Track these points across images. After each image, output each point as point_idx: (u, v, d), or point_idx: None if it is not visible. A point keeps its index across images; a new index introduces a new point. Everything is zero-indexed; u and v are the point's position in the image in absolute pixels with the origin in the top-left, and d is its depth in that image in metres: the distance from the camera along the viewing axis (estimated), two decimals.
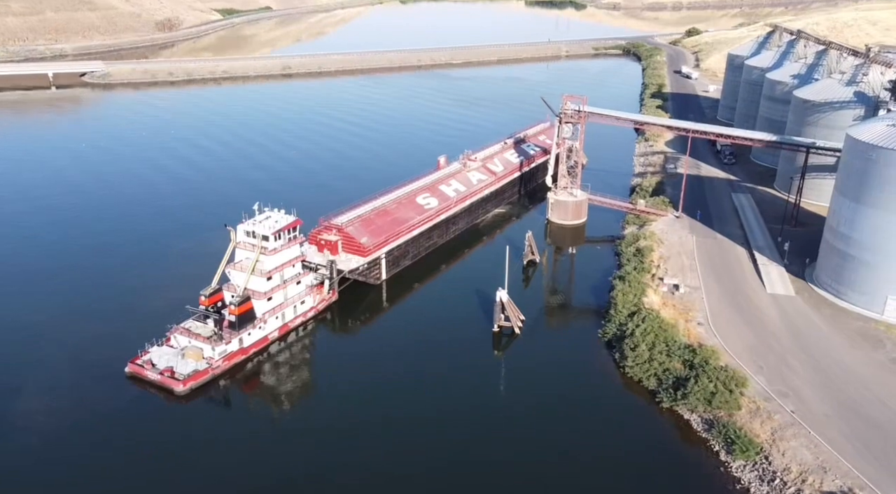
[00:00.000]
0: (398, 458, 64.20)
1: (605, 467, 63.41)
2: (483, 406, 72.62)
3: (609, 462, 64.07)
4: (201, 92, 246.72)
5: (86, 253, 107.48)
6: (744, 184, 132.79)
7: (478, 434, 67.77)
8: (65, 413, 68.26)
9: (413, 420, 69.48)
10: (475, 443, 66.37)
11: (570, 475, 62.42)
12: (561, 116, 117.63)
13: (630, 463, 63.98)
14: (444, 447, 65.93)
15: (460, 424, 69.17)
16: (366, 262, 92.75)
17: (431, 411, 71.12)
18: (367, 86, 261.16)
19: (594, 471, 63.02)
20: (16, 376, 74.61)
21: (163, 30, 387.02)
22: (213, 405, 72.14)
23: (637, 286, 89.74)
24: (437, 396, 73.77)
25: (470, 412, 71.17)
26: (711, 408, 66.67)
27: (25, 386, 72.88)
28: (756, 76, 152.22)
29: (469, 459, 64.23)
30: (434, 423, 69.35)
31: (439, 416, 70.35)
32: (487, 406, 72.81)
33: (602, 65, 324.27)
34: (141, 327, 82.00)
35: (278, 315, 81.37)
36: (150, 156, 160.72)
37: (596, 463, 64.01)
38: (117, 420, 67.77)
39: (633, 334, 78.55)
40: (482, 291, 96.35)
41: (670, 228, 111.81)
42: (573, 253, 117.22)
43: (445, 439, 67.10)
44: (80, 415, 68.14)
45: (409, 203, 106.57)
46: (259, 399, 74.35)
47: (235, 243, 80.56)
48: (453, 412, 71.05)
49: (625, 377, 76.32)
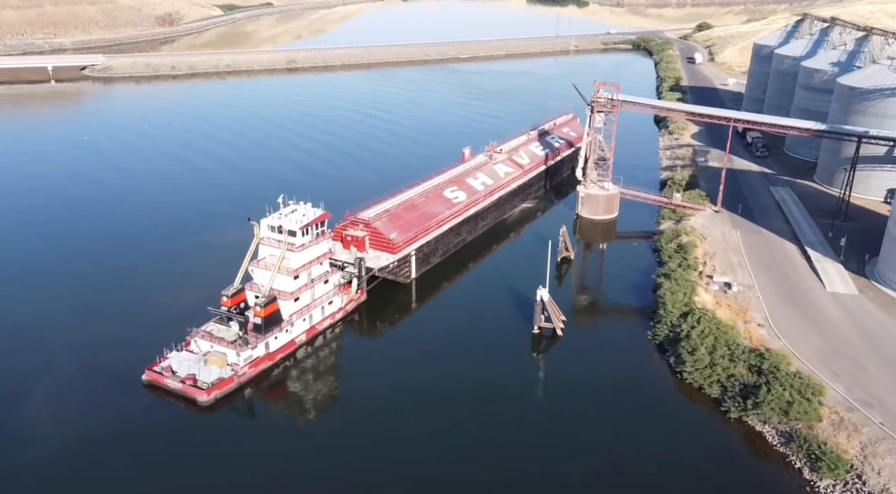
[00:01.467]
0: (436, 473, 58.33)
1: (670, 483, 57.41)
2: (526, 414, 66.58)
3: (674, 478, 58.06)
4: (205, 86, 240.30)
5: (97, 249, 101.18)
6: (781, 177, 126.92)
7: (521, 446, 61.63)
8: (75, 424, 62.05)
9: (452, 431, 63.42)
10: (518, 456, 60.36)
11: (629, 491, 56.44)
12: (593, 105, 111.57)
13: (698, 480, 58.08)
14: (483, 460, 59.84)
15: (501, 435, 63.04)
16: (396, 260, 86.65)
17: (470, 420, 65.02)
18: (375, 80, 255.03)
19: (657, 488, 56.96)
20: (22, 381, 68.35)
21: (163, 24, 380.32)
22: (238, 416, 65.96)
23: (685, 284, 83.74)
24: (476, 404, 67.67)
25: (511, 421, 65.04)
26: (788, 419, 60.70)
27: (32, 392, 66.63)
28: (788, 66, 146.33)
29: (513, 474, 58.20)
30: (473, 433, 63.26)
31: (478, 425, 64.28)
32: (530, 414, 66.76)
33: (613, 59, 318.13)
34: (156, 329, 75.88)
35: (305, 316, 75.26)
36: (160, 150, 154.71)
37: (658, 478, 57.94)
38: (133, 432, 61.47)
39: (689, 336, 72.55)
40: (517, 290, 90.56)
41: (711, 223, 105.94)
42: (604, 250, 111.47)
43: (485, 451, 61.03)
44: (93, 426, 61.87)
45: (437, 197, 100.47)
46: (287, 409, 68.15)
47: (259, 239, 74.36)
48: (493, 421, 64.98)
49: (683, 383, 70.31)
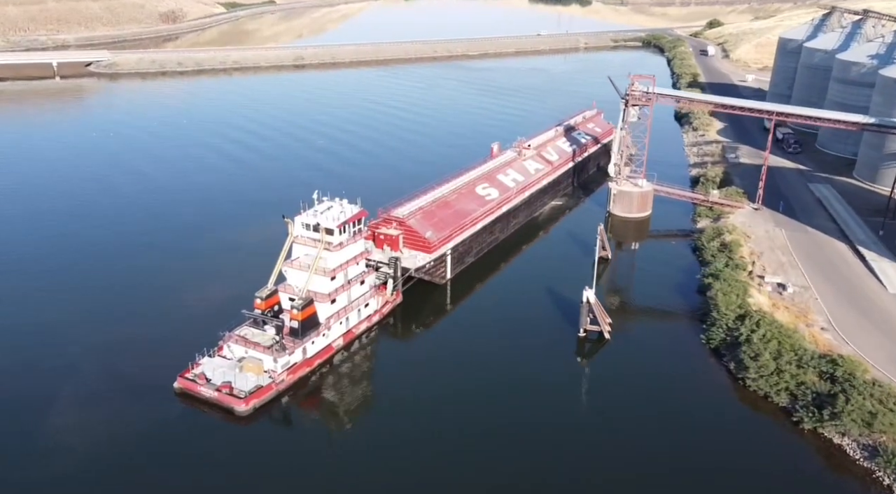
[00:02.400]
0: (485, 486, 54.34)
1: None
2: (575, 421, 62.70)
3: (746, 491, 54.01)
4: (213, 82, 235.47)
5: (115, 248, 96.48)
6: (817, 174, 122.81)
7: (572, 456, 57.73)
8: (104, 433, 57.72)
9: (499, 438, 59.68)
10: (569, 466, 56.48)
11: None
12: (627, 98, 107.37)
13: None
14: (532, 469, 55.87)
15: (549, 445, 58.95)
16: (432, 259, 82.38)
17: (517, 426, 61.23)
18: (385, 76, 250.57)
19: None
20: (45, 385, 64.07)
21: (167, 21, 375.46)
22: (277, 427, 61.63)
23: (737, 285, 79.63)
24: (521, 410, 63.60)
25: (560, 428, 61.22)
26: (872, 432, 56.57)
27: (57, 397, 62.29)
28: (819, 59, 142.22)
29: (565, 485, 54.23)
30: (522, 441, 59.44)
31: (526, 433, 60.44)
32: (580, 421, 62.83)
33: (624, 56, 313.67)
34: (182, 332, 71.87)
35: (342, 320, 70.96)
36: (172, 148, 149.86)
37: (729, 492, 53.94)
38: (166, 444, 57.15)
39: (749, 341, 68.41)
40: (555, 291, 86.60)
41: (752, 221, 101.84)
42: (638, 249, 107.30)
43: (533, 459, 57.12)
44: (123, 436, 57.47)
45: (469, 194, 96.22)
46: (326, 419, 63.83)
47: (293, 237, 70.04)
48: (540, 428, 61.10)
49: (745, 391, 66.17)
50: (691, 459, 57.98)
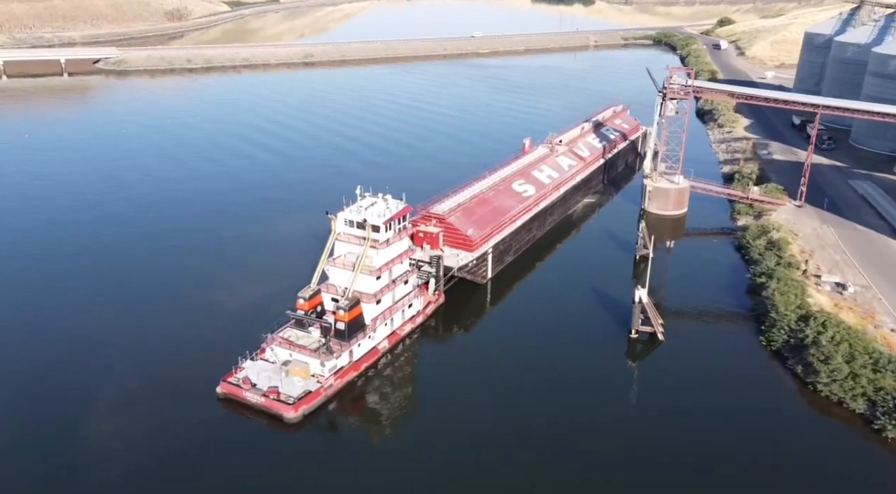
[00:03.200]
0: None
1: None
2: (633, 429, 59.08)
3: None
4: (223, 80, 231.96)
5: (146, 246, 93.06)
6: (855, 170, 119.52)
7: (631, 465, 54.24)
8: (145, 441, 54.44)
9: (549, 444, 56.60)
10: (628, 475, 53.15)
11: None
12: (665, 91, 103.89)
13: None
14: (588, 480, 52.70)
15: (604, 450, 55.92)
16: (474, 258, 78.85)
17: (568, 433, 58.04)
18: (397, 74, 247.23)
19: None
20: (82, 389, 60.88)
21: (171, 20, 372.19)
22: (326, 434, 57.99)
23: (793, 285, 76.24)
24: (573, 416, 60.27)
25: (616, 436, 57.82)
26: None
27: (94, 402, 58.96)
28: (852, 53, 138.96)
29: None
30: (573, 448, 56.36)
31: (577, 439, 57.48)
32: (638, 429, 59.11)
33: (635, 55, 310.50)
34: (219, 333, 68.66)
35: (387, 321, 67.39)
36: (189, 145, 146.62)
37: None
38: (210, 453, 53.55)
39: (817, 343, 64.90)
40: (598, 290, 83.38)
41: (796, 219, 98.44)
42: (677, 248, 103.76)
43: (588, 470, 53.99)
44: (165, 444, 54.10)
45: (507, 190, 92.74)
46: (373, 426, 60.15)
47: (336, 234, 66.46)
48: (593, 435, 57.89)
49: (816, 396, 62.68)
50: (762, 468, 54.34)
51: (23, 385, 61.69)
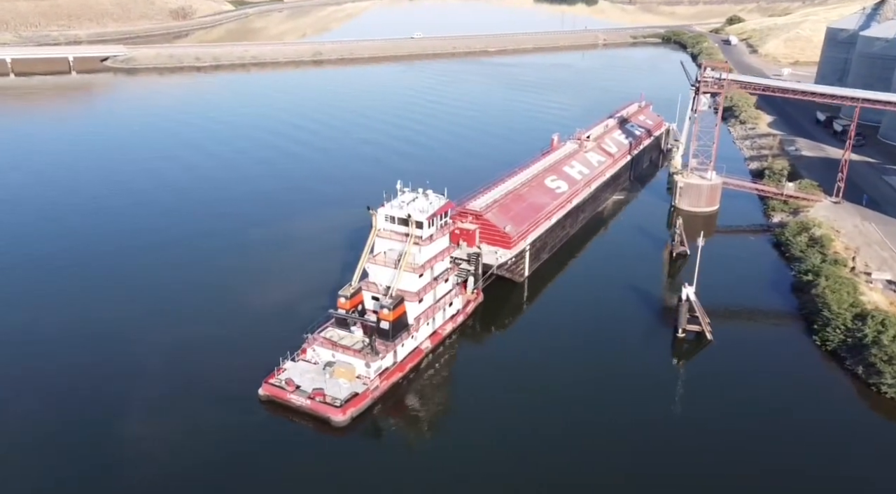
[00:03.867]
0: None
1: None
2: (684, 432, 56.46)
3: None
4: (232, 78, 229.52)
5: (180, 247, 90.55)
6: (889, 166, 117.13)
7: (685, 471, 51.79)
8: (185, 445, 52.01)
9: (596, 444, 54.51)
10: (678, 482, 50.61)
11: None
12: (699, 85, 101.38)
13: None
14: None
15: (653, 457, 53.14)
16: (513, 255, 76.31)
17: (615, 435, 55.70)
18: (407, 71, 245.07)
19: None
20: (115, 389, 58.59)
21: (177, 18, 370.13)
22: (375, 438, 55.38)
23: (844, 283, 73.76)
24: (619, 417, 57.84)
25: (665, 439, 55.31)
26: None
27: (129, 403, 56.50)
28: (880, 48, 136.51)
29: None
30: (620, 450, 53.99)
31: (624, 441, 55.05)
32: (689, 432, 56.51)
33: (645, 53, 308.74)
34: (256, 332, 66.40)
35: (429, 320, 64.84)
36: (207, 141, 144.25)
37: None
38: (255, 458, 50.84)
39: (878, 342, 62.42)
40: (636, 288, 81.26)
41: (835, 215, 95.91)
42: (708, 245, 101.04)
43: (639, 477, 51.31)
44: (207, 448, 51.70)
45: (539, 186, 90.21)
46: (419, 428, 57.61)
47: (376, 230, 63.92)
48: (642, 437, 55.32)
49: (881, 398, 60.24)
50: (823, 473, 51.89)
51: (56, 385, 59.26)
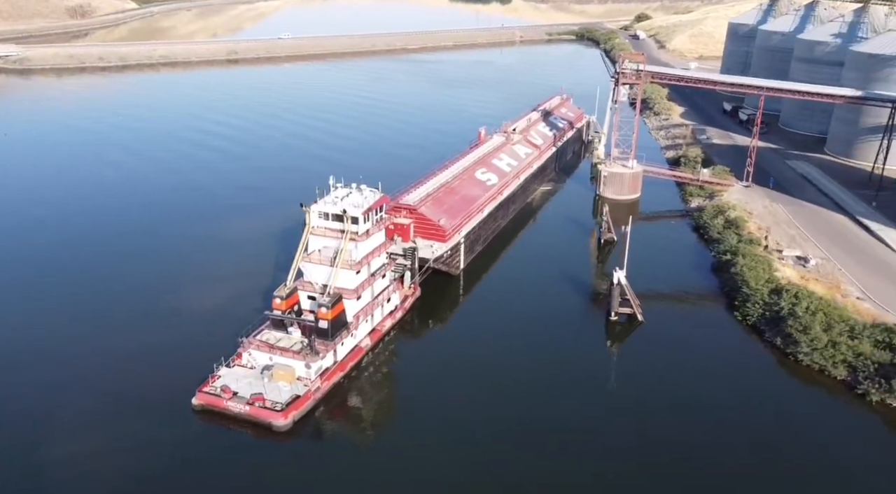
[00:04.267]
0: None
1: (824, 476, 50.43)
2: (622, 410, 57.78)
3: (824, 469, 51.19)
4: (141, 78, 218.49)
5: (99, 252, 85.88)
6: (790, 151, 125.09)
7: (624, 448, 53.11)
8: (117, 459, 48.93)
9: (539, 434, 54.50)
10: (620, 455, 52.18)
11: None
12: (618, 77, 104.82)
13: (860, 471, 51.22)
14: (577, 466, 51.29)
15: (594, 436, 54.56)
16: (448, 248, 76.28)
17: (556, 422, 56.01)
18: (328, 70, 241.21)
19: (817, 484, 49.68)
20: (42, 405, 54.51)
21: (74, 16, 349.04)
22: (319, 441, 53.74)
23: (760, 260, 78.10)
24: (560, 404, 58.37)
25: (604, 420, 56.58)
26: None
27: (52, 421, 52.45)
28: (778, 41, 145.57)
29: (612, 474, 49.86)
30: (562, 436, 54.43)
31: (567, 426, 55.67)
32: (628, 409, 57.93)
33: (561, 49, 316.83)
34: (187, 340, 63.41)
35: (368, 318, 63.80)
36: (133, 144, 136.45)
37: (808, 470, 50.90)
38: (193, 471, 48.42)
39: (793, 314, 66.44)
40: (568, 276, 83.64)
41: (747, 198, 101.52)
42: (633, 231, 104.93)
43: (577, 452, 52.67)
44: (140, 462, 48.66)
45: (471, 179, 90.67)
46: (363, 428, 56.25)
47: (311, 228, 62.24)
48: (582, 421, 56.31)
49: (798, 366, 64.00)
50: (755, 438, 54.51)
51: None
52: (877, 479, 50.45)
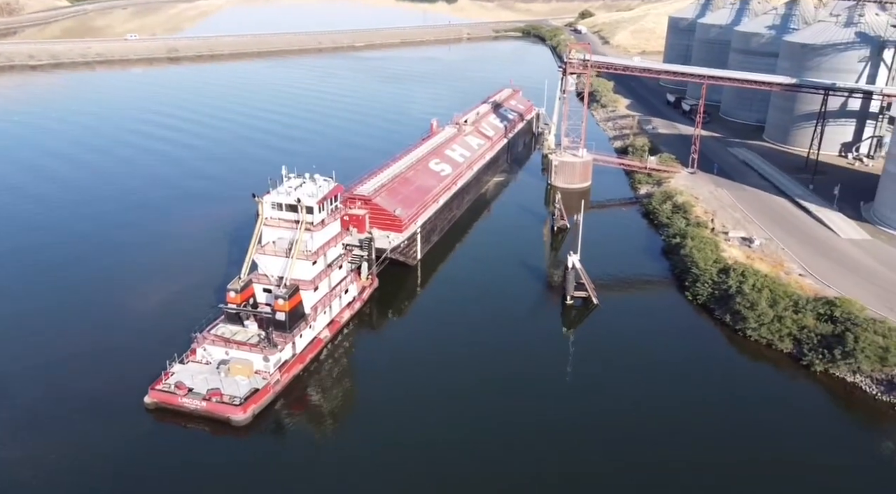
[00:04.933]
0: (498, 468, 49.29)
1: (774, 444, 51.85)
2: (580, 393, 58.38)
3: (773, 439, 52.67)
4: (76, 77, 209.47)
5: (34, 249, 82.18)
6: (731, 139, 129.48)
7: (583, 430, 53.48)
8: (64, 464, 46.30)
9: (508, 417, 54.51)
10: (587, 442, 52.27)
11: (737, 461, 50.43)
12: (566, 66, 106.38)
13: (803, 438, 53.08)
14: (542, 450, 51.31)
15: (557, 420, 54.53)
16: (405, 238, 75.84)
17: (520, 406, 56.10)
18: (274, 68, 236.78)
19: (764, 452, 51.10)
20: None
21: (1, 14, 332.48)
22: (280, 436, 52.43)
23: (708, 242, 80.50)
24: (521, 389, 58.31)
25: (565, 404, 56.77)
26: (885, 366, 57.94)
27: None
28: (716, 34, 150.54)
29: (581, 462, 50.02)
30: (527, 421, 54.24)
31: (530, 409, 55.65)
32: (586, 391, 58.56)
33: (508, 45, 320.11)
34: (136, 338, 61.13)
35: (326, 309, 62.80)
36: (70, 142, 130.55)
37: (757, 442, 52.20)
38: (150, 471, 46.45)
39: (741, 291, 68.73)
40: (523, 264, 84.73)
41: (693, 184, 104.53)
42: (585, 219, 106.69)
43: (543, 438, 52.58)
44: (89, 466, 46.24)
45: (424, 169, 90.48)
46: (327, 423, 55.17)
47: (264, 219, 60.85)
48: (544, 405, 56.36)
49: (747, 341, 66.22)
50: (707, 413, 55.92)
51: None
52: (821, 443, 52.52)
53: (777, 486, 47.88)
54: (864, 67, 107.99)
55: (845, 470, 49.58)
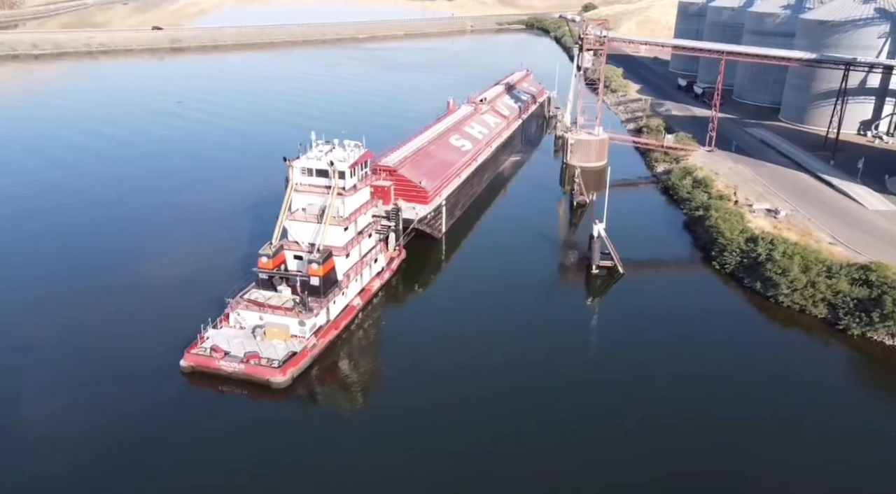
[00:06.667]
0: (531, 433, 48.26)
1: (818, 409, 51.19)
2: (611, 361, 57.10)
3: (816, 403, 52.11)
4: (81, 66, 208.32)
5: (61, 220, 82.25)
6: (746, 120, 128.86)
7: (616, 399, 51.96)
8: (99, 422, 45.69)
9: (537, 398, 52.15)
10: (619, 405, 51.11)
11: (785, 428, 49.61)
12: (581, 43, 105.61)
13: (846, 403, 52.57)
14: (570, 417, 50.21)
15: (585, 389, 53.23)
16: (431, 210, 75.16)
17: (549, 374, 54.81)
18: (279, 59, 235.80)
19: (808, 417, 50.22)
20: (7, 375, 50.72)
21: (2, 7, 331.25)
22: (318, 398, 51.52)
23: (731, 213, 79.99)
24: (550, 358, 57.07)
25: (595, 373, 55.51)
26: None
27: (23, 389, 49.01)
28: (728, 17, 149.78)
29: (609, 428, 48.90)
30: (555, 390, 52.79)
31: (558, 379, 54.25)
32: (617, 359, 57.23)
33: (512, 38, 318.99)
34: (167, 304, 61.03)
35: (357, 276, 62.11)
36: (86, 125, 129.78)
37: (800, 406, 51.46)
38: (187, 432, 45.68)
39: (771, 259, 68.19)
40: (545, 237, 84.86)
41: (712, 161, 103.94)
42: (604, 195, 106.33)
43: (573, 404, 51.54)
44: (124, 425, 45.39)
45: (446, 145, 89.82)
46: (365, 387, 54.14)
47: (294, 185, 60.10)
48: (572, 374, 55.07)
49: (779, 308, 65.54)
50: (744, 380, 54.78)
51: None
52: (862, 408, 51.89)
53: (822, 448, 47.29)
54: (885, 43, 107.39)
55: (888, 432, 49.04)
